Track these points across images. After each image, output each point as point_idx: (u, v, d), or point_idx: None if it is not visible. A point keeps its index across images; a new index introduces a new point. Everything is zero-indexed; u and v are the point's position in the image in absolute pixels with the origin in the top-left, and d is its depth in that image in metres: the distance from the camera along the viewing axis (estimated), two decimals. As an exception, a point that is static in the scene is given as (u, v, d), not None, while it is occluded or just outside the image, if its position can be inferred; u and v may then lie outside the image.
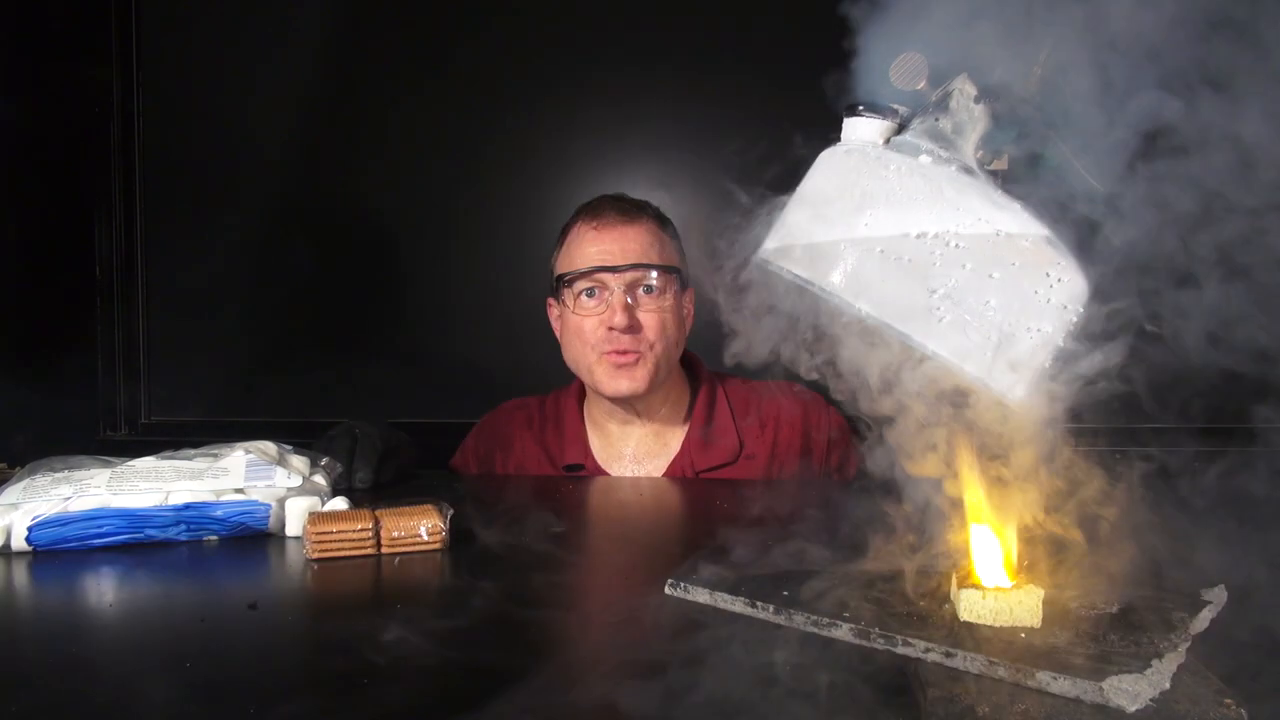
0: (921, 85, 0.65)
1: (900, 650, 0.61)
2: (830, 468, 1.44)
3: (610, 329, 1.36)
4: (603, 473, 1.47)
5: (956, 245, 0.60)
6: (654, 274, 1.38)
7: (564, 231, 1.46)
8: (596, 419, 1.51)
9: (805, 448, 1.44)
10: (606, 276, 1.37)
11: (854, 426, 1.37)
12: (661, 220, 1.45)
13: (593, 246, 1.38)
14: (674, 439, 1.48)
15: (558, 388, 1.58)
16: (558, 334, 1.49)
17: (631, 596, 0.76)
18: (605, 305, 1.38)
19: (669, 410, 1.48)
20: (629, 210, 1.41)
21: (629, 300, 1.37)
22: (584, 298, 1.39)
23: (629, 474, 1.47)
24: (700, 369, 1.53)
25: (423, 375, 2.20)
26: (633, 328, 1.36)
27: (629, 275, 1.37)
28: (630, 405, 1.45)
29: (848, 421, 1.42)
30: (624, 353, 1.37)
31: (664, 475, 1.45)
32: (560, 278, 1.42)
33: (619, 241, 1.38)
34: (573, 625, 0.72)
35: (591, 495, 1.32)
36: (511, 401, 1.59)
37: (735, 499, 1.16)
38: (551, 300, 1.49)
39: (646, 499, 1.28)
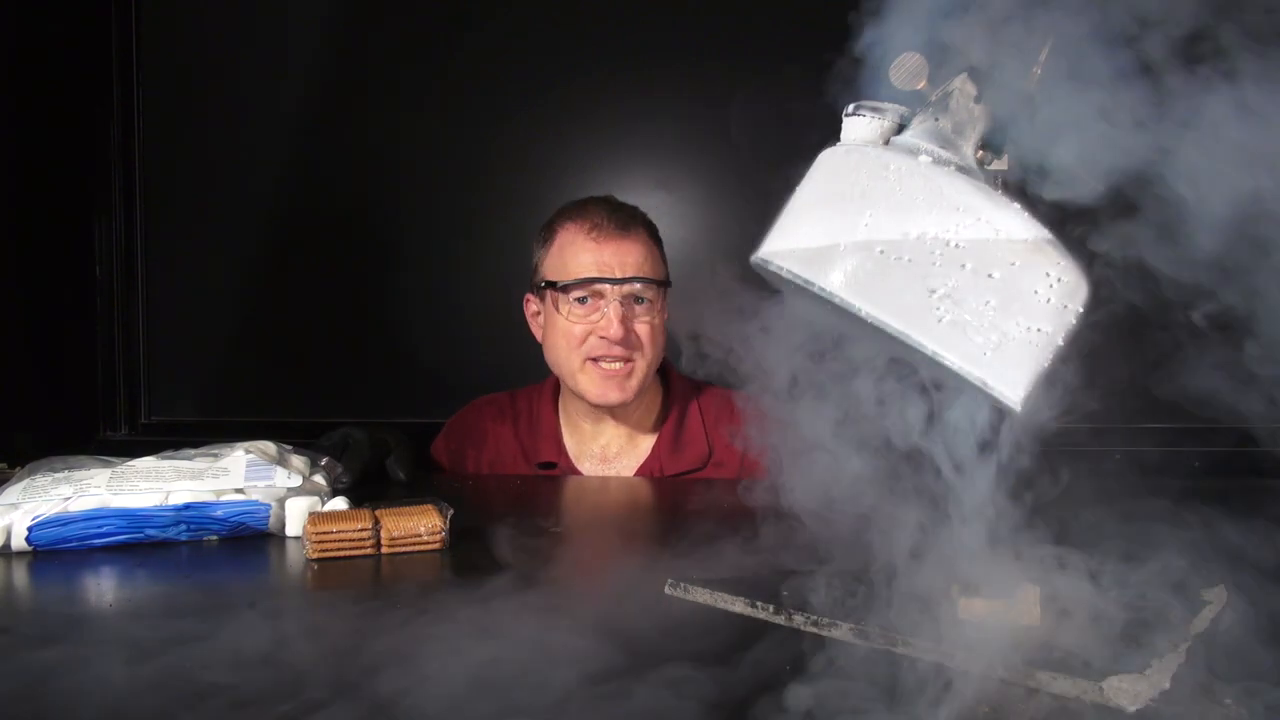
0: (921, 85, 0.65)
1: (900, 650, 0.61)
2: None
3: (603, 338, 1.38)
4: (574, 470, 1.50)
5: (956, 245, 0.60)
6: (648, 287, 1.41)
7: (551, 231, 1.47)
8: (571, 417, 1.53)
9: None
10: (604, 288, 1.39)
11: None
12: (651, 229, 1.47)
13: (589, 255, 1.40)
14: (645, 441, 1.51)
15: (528, 385, 1.60)
16: (535, 329, 1.51)
17: (631, 596, 0.76)
18: (599, 314, 1.39)
19: (642, 413, 1.51)
20: (625, 221, 1.43)
21: (624, 313, 1.39)
22: (576, 304, 1.41)
23: (598, 473, 1.50)
24: (673, 374, 1.55)
25: (423, 375, 2.19)
26: (626, 340, 1.39)
27: (625, 288, 1.39)
28: (610, 410, 1.47)
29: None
30: (614, 361, 1.39)
31: (634, 475, 1.48)
32: (553, 284, 1.43)
33: (617, 254, 1.40)
34: (572, 625, 0.72)
35: (589, 495, 1.32)
36: (481, 399, 1.61)
37: (734, 499, 1.16)
38: (530, 297, 1.51)
39: (645, 499, 1.28)
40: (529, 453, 1.52)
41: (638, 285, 1.39)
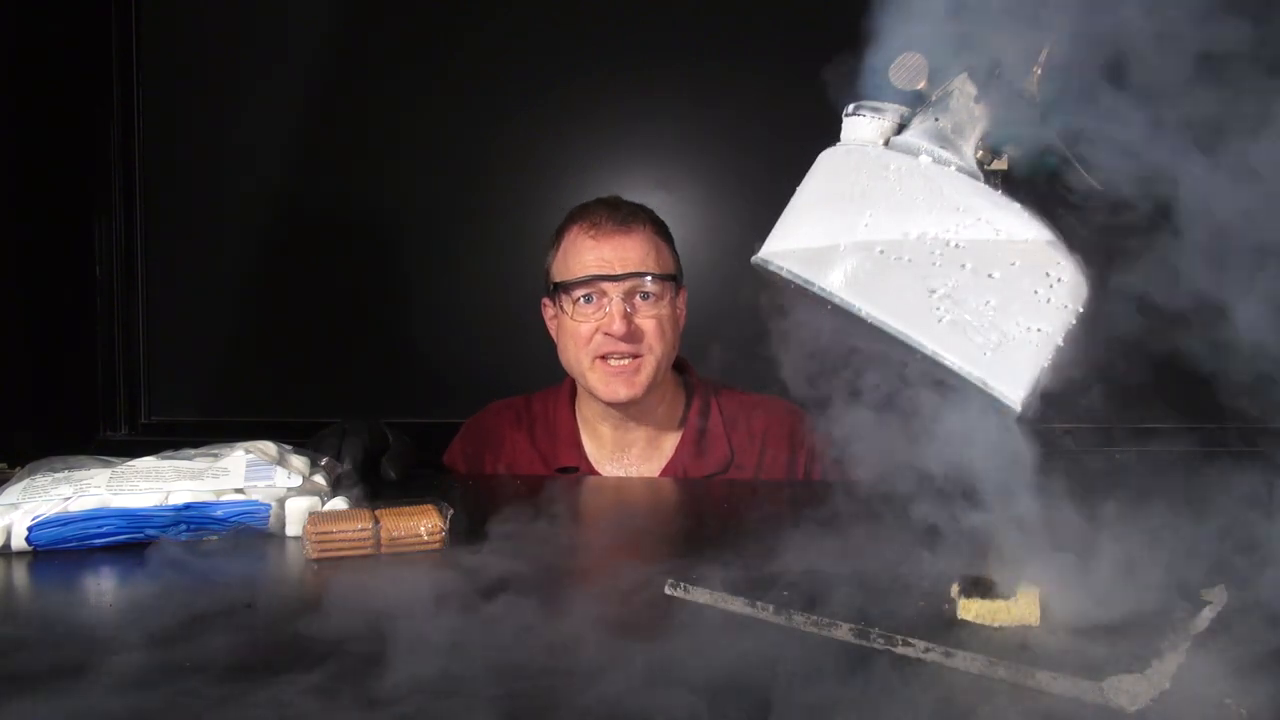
0: (922, 85, 0.65)
1: (900, 650, 0.61)
2: (812, 480, 1.46)
3: (608, 335, 1.37)
4: (595, 473, 1.48)
5: (956, 245, 0.60)
6: (651, 281, 1.39)
7: (559, 235, 1.47)
8: (589, 420, 1.52)
9: (790, 462, 1.45)
10: (605, 284, 1.38)
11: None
12: (657, 225, 1.46)
13: (590, 254, 1.39)
14: (668, 444, 1.49)
15: (545, 388, 1.58)
16: (553, 333, 1.50)
17: (632, 597, 0.76)
18: (603, 312, 1.39)
19: (663, 414, 1.49)
20: (626, 218, 1.42)
21: (627, 309, 1.38)
22: (581, 303, 1.41)
23: (620, 475, 1.48)
24: (694, 376, 1.54)
25: (424, 375, 2.20)
26: (631, 335, 1.38)
27: (627, 283, 1.38)
28: (625, 409, 1.45)
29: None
30: (621, 358, 1.38)
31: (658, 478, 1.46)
32: (559, 285, 1.43)
33: (617, 250, 1.39)
34: (572, 625, 0.72)
35: (591, 495, 1.32)
36: (497, 402, 1.59)
37: (734, 500, 1.16)
38: (547, 301, 1.50)
39: (646, 499, 1.28)
40: (547, 458, 1.50)
41: (639, 280, 1.39)
